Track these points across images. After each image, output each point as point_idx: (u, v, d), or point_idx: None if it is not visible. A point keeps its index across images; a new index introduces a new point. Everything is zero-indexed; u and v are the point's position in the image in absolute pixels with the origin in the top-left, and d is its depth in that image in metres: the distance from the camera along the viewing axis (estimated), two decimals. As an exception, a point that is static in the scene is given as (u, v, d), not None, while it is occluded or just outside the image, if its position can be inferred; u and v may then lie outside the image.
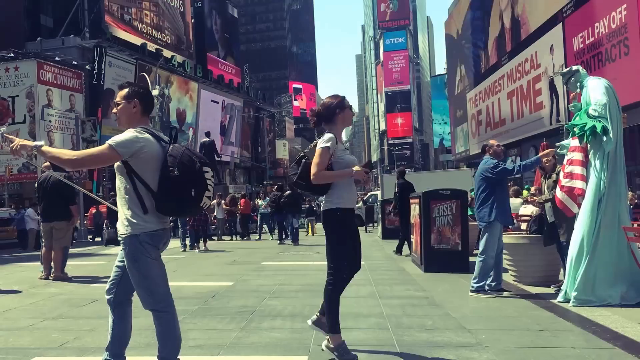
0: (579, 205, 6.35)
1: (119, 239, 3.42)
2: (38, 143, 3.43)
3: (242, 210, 21.12)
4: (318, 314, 4.44)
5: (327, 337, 4.26)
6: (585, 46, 26.34)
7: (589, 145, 6.37)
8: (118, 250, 3.45)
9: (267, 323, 5.54)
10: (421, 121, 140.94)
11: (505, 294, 6.97)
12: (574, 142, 6.56)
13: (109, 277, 3.56)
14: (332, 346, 4.17)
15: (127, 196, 3.38)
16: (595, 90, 6.37)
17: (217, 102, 52.77)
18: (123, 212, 3.40)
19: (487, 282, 7.06)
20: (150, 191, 3.34)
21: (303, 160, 4.26)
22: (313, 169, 4.10)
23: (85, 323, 5.66)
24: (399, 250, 12.50)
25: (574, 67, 6.76)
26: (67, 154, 3.38)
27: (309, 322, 4.49)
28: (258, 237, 20.72)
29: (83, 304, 6.77)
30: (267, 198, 20.45)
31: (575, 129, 6.43)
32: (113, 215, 15.87)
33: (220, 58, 57.54)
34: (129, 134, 3.39)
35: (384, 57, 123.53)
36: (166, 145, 3.45)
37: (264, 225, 21.58)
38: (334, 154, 4.19)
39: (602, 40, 25.09)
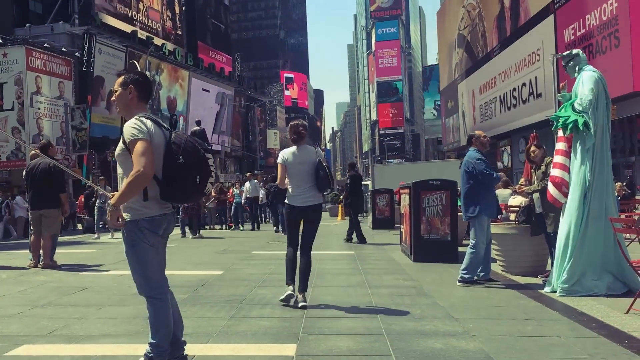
0: (565, 195, 6.41)
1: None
2: (110, 203, 3.30)
3: (232, 199, 21.10)
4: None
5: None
6: (577, 38, 26.44)
7: (574, 136, 6.44)
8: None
9: (256, 312, 5.56)
10: (412, 112, 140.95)
11: (493, 284, 7.04)
12: (559, 132, 6.63)
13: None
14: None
15: None
16: (585, 84, 6.39)
17: (208, 91, 52.52)
18: None
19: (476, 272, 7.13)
20: (155, 178, 3.35)
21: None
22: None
23: (75, 311, 5.65)
24: (349, 238, 13.28)
25: (574, 51, 6.73)
26: (132, 179, 3.23)
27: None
28: (233, 227, 20.09)
29: (72, 292, 6.76)
30: (243, 187, 20.25)
31: (559, 121, 6.50)
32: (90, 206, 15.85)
33: (211, 46, 57.19)
34: (133, 121, 3.39)
35: (375, 47, 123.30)
36: (168, 132, 3.48)
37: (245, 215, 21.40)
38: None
39: (593, 32, 25.18)
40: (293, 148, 6.07)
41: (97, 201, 16.28)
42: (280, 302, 5.77)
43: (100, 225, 16.36)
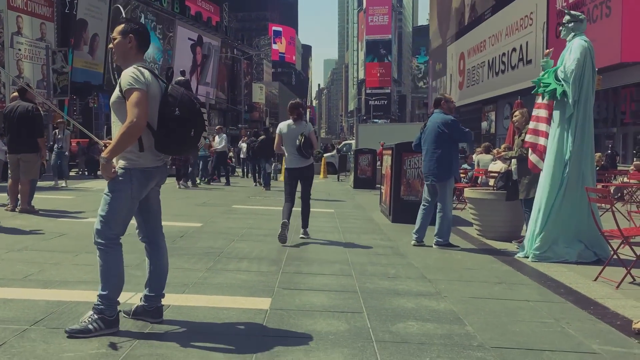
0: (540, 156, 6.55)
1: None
2: (103, 157, 3.31)
3: (212, 153, 20.93)
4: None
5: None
6: (568, 5, 26.23)
7: (554, 104, 6.50)
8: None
9: (233, 265, 5.62)
10: (400, 72, 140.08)
11: (454, 249, 7.05)
12: (538, 99, 6.67)
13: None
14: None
15: None
16: (573, 53, 6.37)
17: (194, 40, 51.55)
18: None
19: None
20: (150, 129, 3.37)
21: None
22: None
23: (51, 256, 5.66)
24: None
25: (581, 16, 6.63)
26: (125, 130, 3.25)
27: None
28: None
29: (49, 238, 6.75)
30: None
31: (540, 86, 6.52)
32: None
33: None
34: (131, 70, 3.39)
35: (366, 4, 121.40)
36: (164, 84, 3.52)
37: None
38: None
39: (585, 0, 25.02)
40: (290, 121, 7.36)
41: (55, 145, 14.99)
42: (278, 239, 6.82)
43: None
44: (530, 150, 6.75)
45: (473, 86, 42.63)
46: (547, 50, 6.94)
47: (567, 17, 6.60)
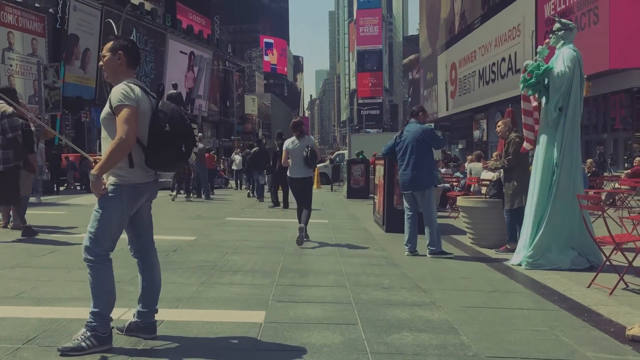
0: (530, 142, 6.73)
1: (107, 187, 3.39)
2: (92, 174, 3.32)
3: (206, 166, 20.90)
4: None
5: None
6: (557, 13, 26.49)
7: (542, 111, 6.60)
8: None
9: (227, 278, 5.60)
10: (391, 82, 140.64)
11: (445, 256, 7.11)
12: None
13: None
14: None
15: None
16: (563, 61, 6.40)
17: (186, 54, 51.63)
18: None
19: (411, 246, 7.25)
20: (140, 145, 3.38)
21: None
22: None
23: (43, 273, 5.63)
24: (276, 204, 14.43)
25: (571, 25, 6.71)
26: (114, 146, 3.25)
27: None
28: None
29: (42, 254, 6.72)
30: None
31: (525, 74, 6.59)
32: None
33: (190, 8, 55.99)
34: (121, 86, 3.41)
35: (357, 15, 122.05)
36: (154, 100, 3.52)
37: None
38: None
39: (573, 8, 25.29)
40: (293, 138, 8.37)
41: None
42: (296, 242, 7.71)
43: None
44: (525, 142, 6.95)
45: (465, 95, 42.88)
46: (547, 40, 6.99)
47: (557, 25, 6.66)
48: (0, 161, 7.54)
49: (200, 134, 4.44)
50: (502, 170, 7.56)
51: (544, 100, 6.57)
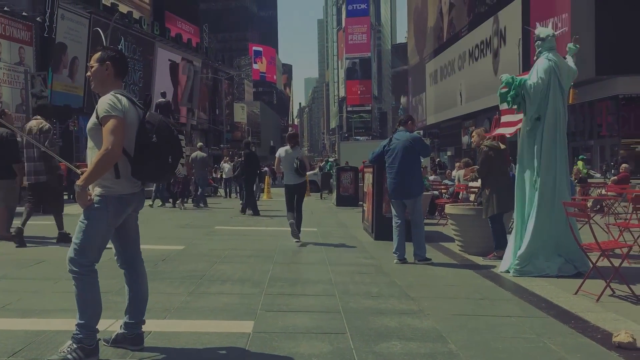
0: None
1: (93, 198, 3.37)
2: (77, 184, 3.29)
3: (189, 174, 20.70)
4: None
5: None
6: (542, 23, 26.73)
7: (522, 121, 6.73)
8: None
9: (215, 288, 5.58)
10: (380, 89, 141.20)
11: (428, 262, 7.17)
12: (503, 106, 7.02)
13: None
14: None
15: None
16: (539, 72, 6.48)
17: (175, 62, 51.52)
18: None
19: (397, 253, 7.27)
20: (126, 156, 3.37)
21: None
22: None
23: (30, 284, 5.58)
24: (243, 211, 14.77)
25: (543, 35, 6.72)
26: (100, 157, 3.24)
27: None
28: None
29: (29, 265, 6.66)
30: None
31: (500, 87, 6.72)
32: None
33: (178, 16, 55.94)
34: (108, 97, 3.40)
35: (345, 23, 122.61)
36: (141, 110, 3.52)
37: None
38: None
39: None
40: (287, 147, 9.16)
41: None
42: (291, 235, 8.81)
43: None
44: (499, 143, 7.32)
45: (452, 102, 43.08)
46: (576, 37, 7.04)
47: (535, 37, 6.79)
48: (43, 172, 8.13)
49: (185, 146, 4.46)
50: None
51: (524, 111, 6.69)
